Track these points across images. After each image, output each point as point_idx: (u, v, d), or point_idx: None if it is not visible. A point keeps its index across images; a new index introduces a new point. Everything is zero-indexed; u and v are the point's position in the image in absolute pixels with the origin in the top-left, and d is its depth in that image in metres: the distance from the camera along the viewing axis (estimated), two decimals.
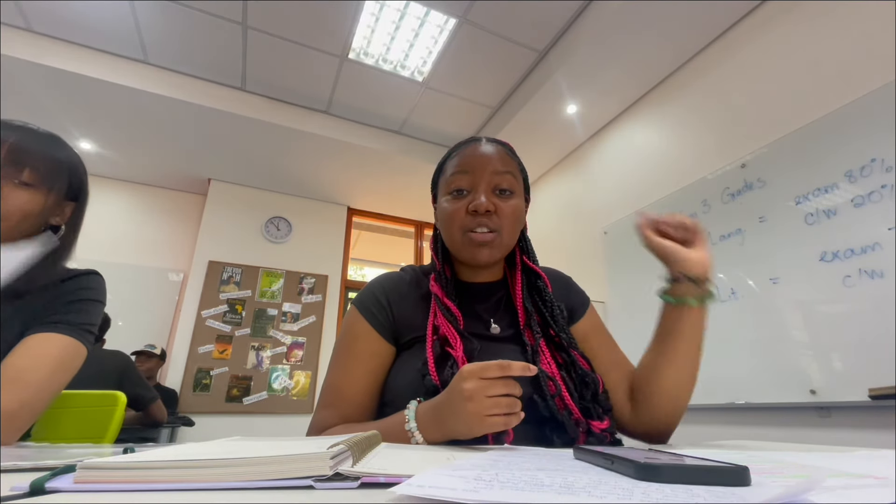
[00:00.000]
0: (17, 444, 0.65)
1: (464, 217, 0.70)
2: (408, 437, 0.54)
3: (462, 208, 0.71)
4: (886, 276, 1.60)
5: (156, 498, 0.26)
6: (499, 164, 0.72)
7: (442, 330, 0.67)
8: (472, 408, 0.48)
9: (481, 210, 0.69)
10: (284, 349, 3.84)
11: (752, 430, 1.98)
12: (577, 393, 0.64)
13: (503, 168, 0.72)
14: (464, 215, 0.70)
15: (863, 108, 1.76)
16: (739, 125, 2.29)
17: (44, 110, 3.06)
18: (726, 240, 2.19)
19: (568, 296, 0.81)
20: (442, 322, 0.68)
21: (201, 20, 2.67)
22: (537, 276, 0.76)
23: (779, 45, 2.18)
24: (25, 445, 0.64)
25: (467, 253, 0.71)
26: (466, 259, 0.73)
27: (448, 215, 0.72)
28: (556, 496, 0.22)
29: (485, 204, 0.69)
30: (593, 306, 0.82)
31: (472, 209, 0.69)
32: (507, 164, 0.73)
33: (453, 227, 0.72)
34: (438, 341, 0.66)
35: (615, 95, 2.97)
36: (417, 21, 2.69)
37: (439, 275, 0.75)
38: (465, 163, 0.73)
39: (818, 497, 0.21)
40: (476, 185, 0.71)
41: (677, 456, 0.31)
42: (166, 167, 3.86)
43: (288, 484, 0.28)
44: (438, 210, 0.77)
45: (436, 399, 0.55)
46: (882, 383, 1.53)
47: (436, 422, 0.53)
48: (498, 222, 0.70)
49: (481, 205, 0.69)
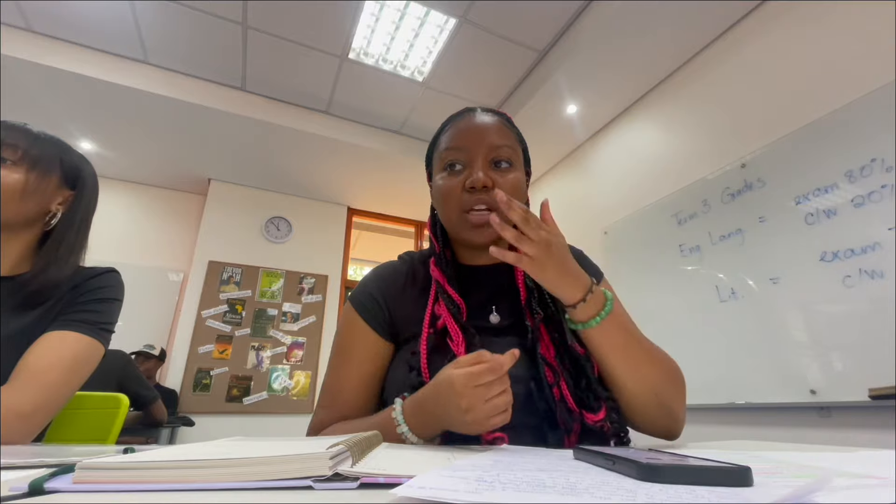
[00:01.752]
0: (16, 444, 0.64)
1: (460, 194, 0.66)
2: (398, 437, 0.53)
3: (458, 185, 0.67)
4: (886, 276, 1.59)
5: (155, 498, 0.26)
6: (495, 136, 0.68)
7: (442, 321, 0.64)
8: (472, 417, 0.47)
9: (478, 186, 0.64)
10: (284, 349, 3.84)
11: (752, 430, 1.98)
12: (573, 380, 0.61)
13: (500, 140, 0.68)
14: (460, 192, 0.66)
15: (863, 108, 1.76)
16: (739, 125, 2.29)
17: (44, 110, 3.06)
18: (726, 240, 2.19)
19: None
20: (443, 311, 0.65)
21: (201, 20, 2.67)
22: None
23: (779, 45, 2.18)
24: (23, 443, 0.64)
25: (466, 234, 0.67)
26: (465, 240, 0.69)
27: (443, 193, 0.68)
28: (559, 497, 0.22)
29: (482, 179, 0.64)
30: (606, 281, 0.76)
31: (468, 185, 0.65)
32: (505, 136, 0.69)
33: (450, 205, 0.67)
34: (435, 335, 0.64)
35: (615, 95, 2.97)
36: (417, 21, 2.69)
37: (439, 258, 0.71)
38: (460, 136, 0.69)
39: (821, 497, 0.21)
40: (472, 159, 0.67)
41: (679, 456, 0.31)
42: (166, 167, 3.86)
43: (287, 484, 0.28)
44: (434, 188, 0.72)
45: (422, 395, 0.53)
46: (882, 383, 1.53)
47: (428, 422, 0.52)
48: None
49: (478, 180, 0.64)
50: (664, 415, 0.61)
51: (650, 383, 0.60)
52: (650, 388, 0.60)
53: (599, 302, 0.59)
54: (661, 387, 0.61)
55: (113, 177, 4.00)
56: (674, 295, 2.39)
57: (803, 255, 1.86)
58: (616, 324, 0.60)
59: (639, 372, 0.60)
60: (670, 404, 0.61)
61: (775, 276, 1.95)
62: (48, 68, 2.72)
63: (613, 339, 0.60)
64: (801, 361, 1.80)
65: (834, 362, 1.71)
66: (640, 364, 0.60)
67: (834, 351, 1.71)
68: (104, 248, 3.77)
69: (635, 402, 0.61)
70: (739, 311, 2.07)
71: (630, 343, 0.61)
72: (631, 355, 0.60)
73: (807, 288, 1.83)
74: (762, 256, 2.02)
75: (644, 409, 0.61)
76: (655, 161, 2.77)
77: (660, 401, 0.61)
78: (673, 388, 0.62)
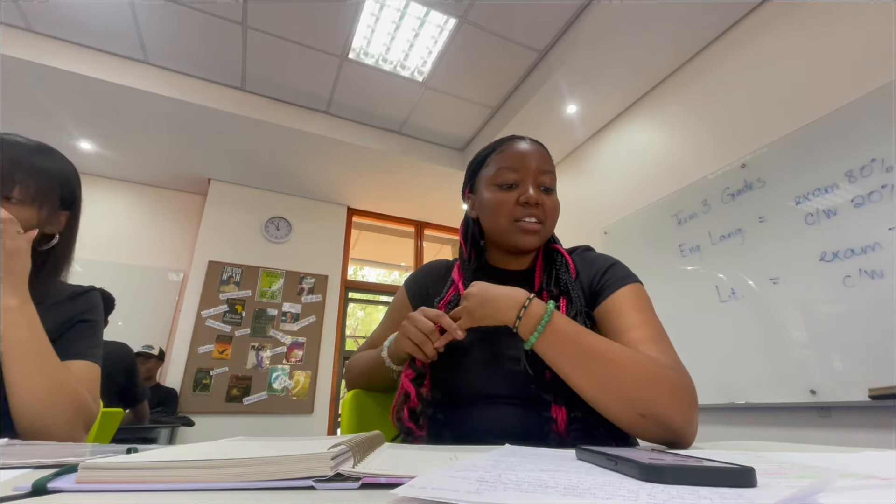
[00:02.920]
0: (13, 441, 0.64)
1: (513, 207, 0.78)
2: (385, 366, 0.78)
3: (512, 200, 0.78)
4: (886, 276, 1.60)
5: (158, 498, 0.26)
6: (543, 164, 0.81)
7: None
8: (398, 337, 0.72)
9: (532, 202, 0.77)
10: (284, 349, 3.84)
11: (752, 430, 1.98)
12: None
13: (547, 167, 0.81)
14: (513, 206, 0.78)
15: (863, 108, 1.76)
16: (739, 125, 2.29)
17: (44, 110, 3.06)
18: (726, 240, 2.19)
19: (592, 277, 0.78)
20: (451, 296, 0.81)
21: (201, 20, 2.67)
22: (562, 258, 0.81)
23: (779, 45, 2.18)
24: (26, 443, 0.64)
25: (515, 239, 0.78)
26: (512, 244, 0.80)
27: (496, 205, 0.79)
28: (561, 497, 0.22)
29: (535, 197, 0.77)
30: (632, 288, 0.73)
31: (523, 201, 0.78)
32: (549, 164, 0.82)
33: (501, 215, 0.79)
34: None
35: (615, 95, 2.97)
36: (417, 21, 2.69)
37: (464, 262, 0.85)
38: (514, 158, 0.81)
39: (825, 497, 0.21)
40: (524, 180, 0.79)
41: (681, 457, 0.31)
42: (166, 167, 3.86)
43: (289, 484, 0.28)
44: (481, 200, 0.83)
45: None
46: (882, 383, 1.53)
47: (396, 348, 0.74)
48: (543, 215, 0.79)
49: (532, 197, 0.77)
50: (654, 426, 0.55)
51: (616, 392, 0.56)
52: (618, 397, 0.56)
53: (535, 316, 0.61)
54: (635, 395, 0.56)
55: (113, 177, 4.00)
56: (674, 295, 2.39)
57: (803, 255, 1.86)
58: (559, 336, 0.59)
59: (597, 382, 0.57)
60: (655, 413, 0.55)
61: (775, 276, 1.96)
62: (48, 68, 2.71)
63: (559, 351, 0.59)
64: (801, 361, 1.80)
65: (834, 362, 1.71)
66: (598, 373, 0.57)
67: (834, 351, 1.71)
68: (104, 249, 3.77)
69: (610, 412, 0.57)
70: (739, 311, 2.07)
71: (582, 354, 0.58)
72: (584, 366, 0.58)
73: (807, 288, 1.83)
74: (762, 256, 2.02)
75: (620, 418, 0.57)
76: (655, 161, 2.77)
77: (639, 411, 0.55)
78: (655, 395, 0.56)
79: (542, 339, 0.60)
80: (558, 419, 0.64)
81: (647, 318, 0.68)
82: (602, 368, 0.57)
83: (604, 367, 0.57)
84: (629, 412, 0.56)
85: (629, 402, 0.56)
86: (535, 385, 0.67)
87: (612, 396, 0.56)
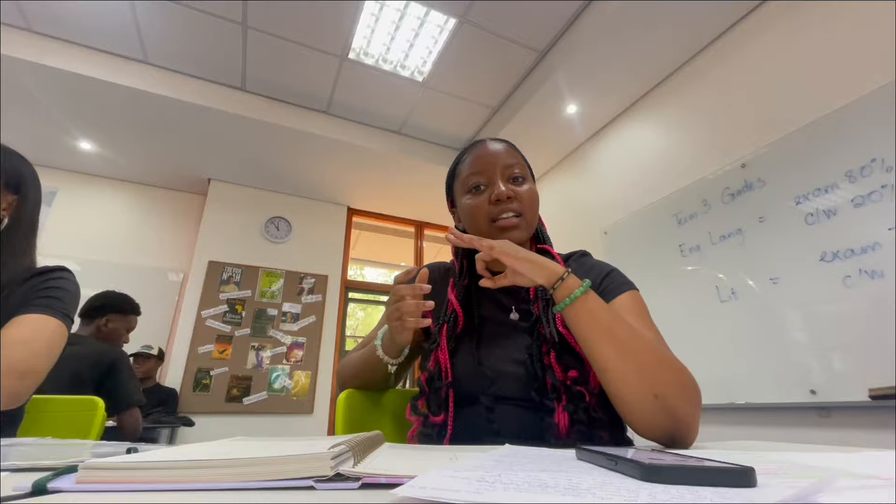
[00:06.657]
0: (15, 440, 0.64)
1: (488, 208, 0.78)
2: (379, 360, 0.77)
3: (484, 201, 0.79)
4: (886, 276, 1.60)
5: (158, 498, 0.26)
6: (507, 158, 0.81)
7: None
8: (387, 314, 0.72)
9: (503, 197, 0.77)
10: (284, 349, 3.84)
11: (752, 430, 1.98)
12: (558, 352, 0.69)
13: (512, 160, 0.82)
14: (488, 206, 0.78)
15: (863, 108, 1.76)
16: (739, 125, 2.29)
17: (44, 110, 3.06)
18: (726, 240, 2.19)
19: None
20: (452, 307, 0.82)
21: (201, 20, 2.67)
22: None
23: (779, 45, 2.18)
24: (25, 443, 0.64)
25: (498, 238, 0.78)
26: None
27: (472, 210, 0.80)
28: (561, 497, 0.22)
29: (505, 192, 0.77)
30: (630, 295, 0.74)
31: (494, 198, 0.78)
32: (515, 156, 0.83)
33: (479, 219, 0.79)
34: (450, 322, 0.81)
35: (615, 95, 2.97)
36: (417, 21, 2.69)
37: (457, 279, 0.84)
38: (478, 161, 0.82)
39: (825, 497, 0.21)
40: (492, 178, 0.80)
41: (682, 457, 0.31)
42: (166, 167, 3.86)
43: (289, 484, 0.28)
44: (460, 209, 0.84)
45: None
46: (882, 383, 1.53)
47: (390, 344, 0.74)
48: (520, 206, 0.78)
49: (502, 193, 0.77)
50: (663, 411, 0.55)
51: (637, 364, 0.57)
52: (639, 369, 0.57)
53: (571, 287, 0.63)
54: (655, 372, 0.57)
55: (113, 177, 4.00)
56: (674, 295, 2.39)
57: (803, 255, 1.86)
58: (591, 304, 0.62)
59: (622, 351, 0.58)
60: (667, 395, 0.55)
61: (775, 276, 1.96)
62: (48, 68, 2.71)
63: (590, 318, 0.61)
64: (801, 361, 1.80)
65: (834, 362, 1.71)
66: (624, 344, 0.59)
67: (834, 351, 1.71)
68: (104, 249, 3.77)
69: (626, 384, 0.57)
70: (739, 311, 2.07)
71: (612, 322, 0.60)
72: (612, 334, 0.59)
73: (807, 288, 1.83)
74: (762, 256, 2.02)
75: (634, 393, 0.57)
76: (655, 161, 2.77)
77: (655, 390, 0.56)
78: (671, 379, 0.57)
79: (576, 304, 0.61)
80: (560, 423, 0.64)
81: (647, 324, 0.69)
82: (630, 339, 0.59)
83: (631, 338, 0.59)
84: (644, 387, 0.56)
85: (648, 376, 0.57)
86: (539, 388, 0.68)
87: (633, 367, 0.57)
